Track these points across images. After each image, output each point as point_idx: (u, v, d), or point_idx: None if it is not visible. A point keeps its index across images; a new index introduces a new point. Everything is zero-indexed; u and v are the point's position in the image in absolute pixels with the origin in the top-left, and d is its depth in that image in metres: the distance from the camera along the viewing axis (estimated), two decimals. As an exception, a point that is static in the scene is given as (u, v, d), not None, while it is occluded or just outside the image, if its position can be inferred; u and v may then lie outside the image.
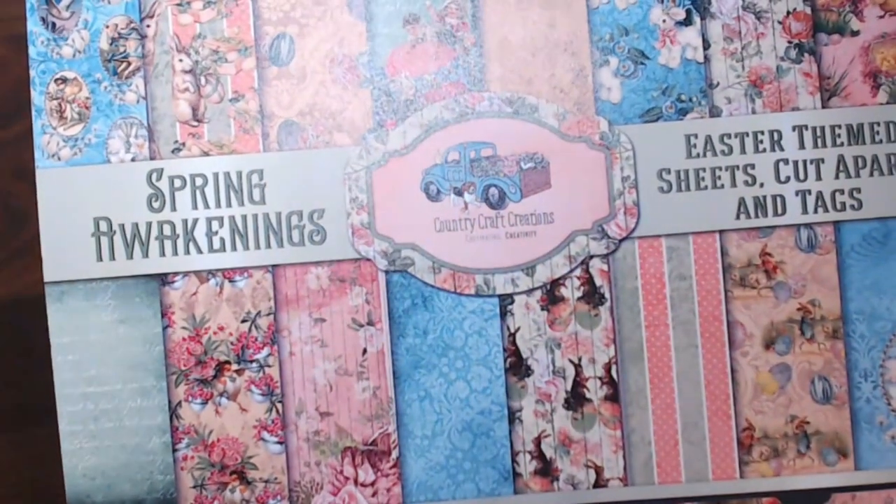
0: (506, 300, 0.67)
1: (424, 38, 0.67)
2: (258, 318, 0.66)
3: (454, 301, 0.66)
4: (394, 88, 0.67)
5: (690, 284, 0.66)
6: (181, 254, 0.66)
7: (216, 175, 0.67)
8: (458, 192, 0.66)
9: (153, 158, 0.67)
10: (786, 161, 0.66)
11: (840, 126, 0.66)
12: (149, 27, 0.67)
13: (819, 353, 0.66)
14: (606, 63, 0.67)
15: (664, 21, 0.67)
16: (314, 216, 0.66)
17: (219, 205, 0.66)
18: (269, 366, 0.66)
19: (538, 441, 0.66)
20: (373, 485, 0.66)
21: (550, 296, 0.67)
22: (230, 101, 0.67)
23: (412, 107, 0.67)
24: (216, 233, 0.66)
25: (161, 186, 0.66)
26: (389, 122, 0.67)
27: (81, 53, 0.67)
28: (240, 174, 0.67)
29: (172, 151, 0.67)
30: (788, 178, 0.66)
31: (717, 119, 0.67)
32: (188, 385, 0.66)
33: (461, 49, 0.67)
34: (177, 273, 0.66)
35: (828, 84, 0.67)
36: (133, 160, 0.67)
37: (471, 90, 0.67)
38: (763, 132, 0.66)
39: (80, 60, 0.67)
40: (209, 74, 0.67)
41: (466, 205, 0.66)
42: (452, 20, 0.67)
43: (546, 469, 0.66)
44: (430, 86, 0.67)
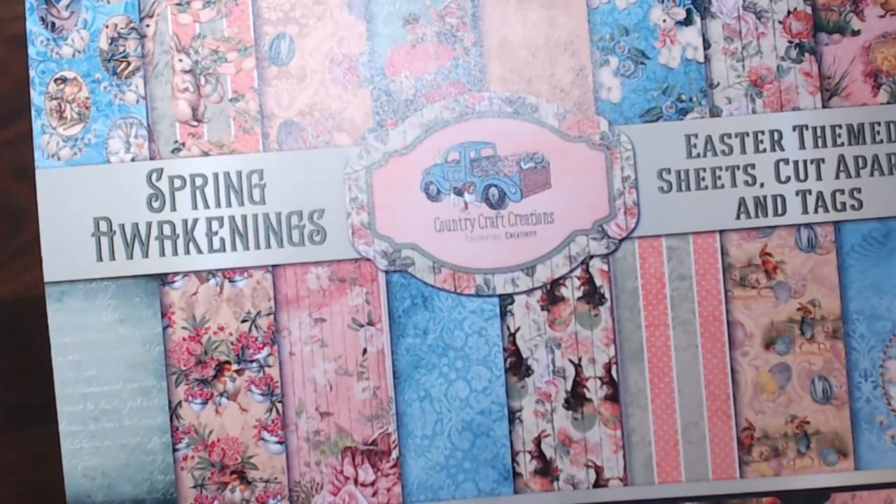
0: (506, 300, 0.66)
1: (424, 38, 0.67)
2: (258, 318, 0.66)
3: (454, 301, 0.66)
4: (394, 88, 0.67)
5: (690, 284, 0.66)
6: (181, 254, 0.66)
7: (216, 175, 0.66)
8: (459, 192, 0.66)
9: (153, 158, 0.67)
10: (786, 161, 0.66)
11: (840, 126, 0.66)
12: (148, 27, 0.67)
13: (819, 353, 0.66)
14: (606, 63, 0.67)
15: (664, 21, 0.67)
16: (314, 216, 0.66)
17: (219, 205, 0.66)
18: (269, 366, 0.66)
19: (538, 441, 0.66)
20: (373, 485, 0.66)
21: (550, 296, 0.66)
22: (230, 101, 0.67)
23: (412, 107, 0.67)
24: (216, 233, 0.66)
25: (161, 186, 0.66)
26: (389, 122, 0.67)
27: (81, 53, 0.67)
28: (240, 174, 0.66)
29: (172, 151, 0.67)
30: (789, 178, 0.66)
31: (718, 119, 0.67)
32: (188, 385, 0.66)
33: (461, 49, 0.67)
34: (177, 273, 0.66)
35: (828, 84, 0.67)
36: (133, 160, 0.67)
37: (471, 90, 0.67)
38: (763, 132, 0.66)
39: (80, 60, 0.67)
40: (209, 74, 0.67)
41: (466, 205, 0.66)
42: (452, 20, 0.67)
43: (546, 469, 0.66)
44: (430, 86, 0.67)
